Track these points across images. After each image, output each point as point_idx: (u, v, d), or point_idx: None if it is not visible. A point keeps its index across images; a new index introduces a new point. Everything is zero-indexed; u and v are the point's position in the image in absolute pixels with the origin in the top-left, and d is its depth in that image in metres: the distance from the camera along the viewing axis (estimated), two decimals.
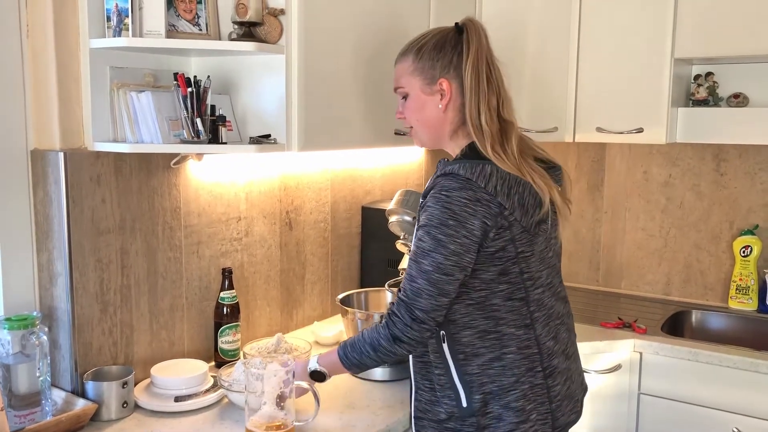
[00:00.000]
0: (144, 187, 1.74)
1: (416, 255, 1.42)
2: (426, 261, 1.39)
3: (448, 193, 1.39)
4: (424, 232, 1.40)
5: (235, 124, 1.79)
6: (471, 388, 1.47)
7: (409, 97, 1.54)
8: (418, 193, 1.96)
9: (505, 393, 1.47)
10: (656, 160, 2.75)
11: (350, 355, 1.49)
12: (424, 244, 1.40)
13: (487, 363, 1.47)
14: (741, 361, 2.09)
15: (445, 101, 1.50)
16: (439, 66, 1.49)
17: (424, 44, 1.52)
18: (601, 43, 2.45)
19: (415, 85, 1.52)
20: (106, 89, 1.62)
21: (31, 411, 1.49)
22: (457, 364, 1.48)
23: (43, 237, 1.62)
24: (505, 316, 1.47)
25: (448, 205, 1.38)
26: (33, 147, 1.62)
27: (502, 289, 1.46)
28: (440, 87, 1.49)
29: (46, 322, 1.61)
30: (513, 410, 1.47)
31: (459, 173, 1.41)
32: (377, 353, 1.46)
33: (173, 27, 1.61)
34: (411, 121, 1.57)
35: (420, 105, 1.53)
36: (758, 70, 2.52)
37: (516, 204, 1.42)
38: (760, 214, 2.59)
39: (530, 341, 1.49)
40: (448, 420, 1.50)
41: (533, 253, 1.48)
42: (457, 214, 1.38)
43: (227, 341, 1.90)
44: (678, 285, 2.76)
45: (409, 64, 1.53)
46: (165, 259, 1.81)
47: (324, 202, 2.32)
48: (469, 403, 1.47)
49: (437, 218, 1.39)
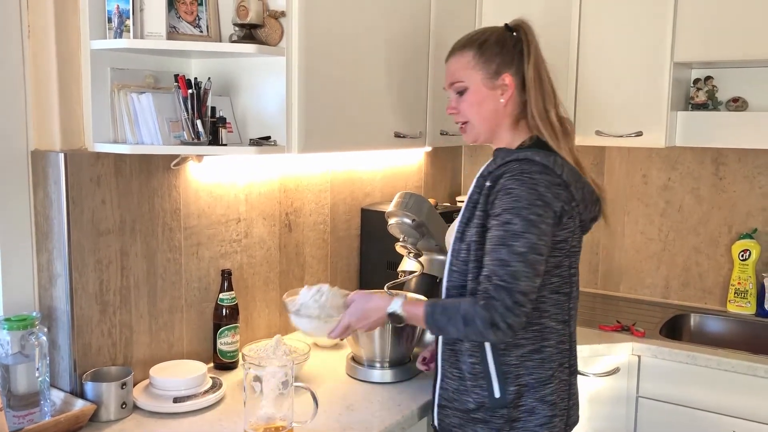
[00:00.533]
0: (144, 189, 1.74)
1: (505, 238, 1.38)
2: (519, 243, 1.37)
3: (532, 176, 1.41)
4: (513, 214, 1.38)
5: (236, 126, 1.79)
6: (506, 379, 1.48)
7: (469, 91, 1.54)
8: (417, 195, 1.96)
9: (542, 386, 1.50)
10: (655, 163, 2.76)
11: (438, 318, 1.44)
12: (514, 226, 1.38)
13: (527, 355, 1.49)
14: (739, 365, 2.09)
15: (507, 96, 1.51)
16: (501, 61, 1.51)
17: (485, 40, 1.53)
18: (600, 46, 2.46)
19: (477, 79, 1.52)
20: (106, 90, 1.63)
21: (30, 411, 1.49)
22: (496, 354, 1.48)
23: (42, 237, 1.62)
24: (549, 309, 1.49)
25: (534, 186, 1.39)
26: (33, 147, 1.62)
27: (553, 282, 1.49)
28: (503, 81, 1.51)
29: (46, 323, 1.61)
30: (548, 404, 1.50)
31: (535, 159, 1.43)
32: (467, 329, 1.40)
33: (174, 29, 1.61)
34: (468, 115, 1.55)
35: (480, 99, 1.53)
36: (757, 74, 2.52)
37: (580, 197, 1.48)
38: (758, 218, 2.59)
39: (565, 337, 1.54)
40: (477, 410, 1.51)
41: (579, 250, 1.54)
42: (543, 195, 1.40)
43: (226, 343, 1.90)
44: (677, 288, 2.76)
45: (470, 58, 1.53)
46: (164, 261, 1.81)
47: (323, 204, 2.33)
48: (502, 394, 1.48)
49: (525, 199, 1.38)
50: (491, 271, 1.39)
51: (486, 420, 1.51)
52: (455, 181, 3.10)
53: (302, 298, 1.64)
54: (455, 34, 2.44)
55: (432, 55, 2.24)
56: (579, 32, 2.48)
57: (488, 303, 1.37)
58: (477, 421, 1.52)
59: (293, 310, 1.63)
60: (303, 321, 1.62)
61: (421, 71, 2.21)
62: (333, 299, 1.61)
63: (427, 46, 2.23)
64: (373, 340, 1.85)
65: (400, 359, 1.90)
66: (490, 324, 1.36)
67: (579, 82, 2.50)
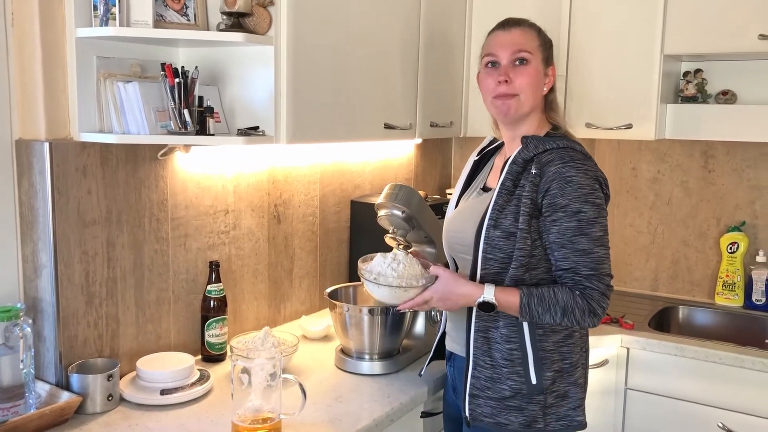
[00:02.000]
0: (131, 179, 1.72)
1: (581, 228, 1.44)
2: (595, 228, 1.45)
3: (584, 162, 1.48)
4: (582, 202, 1.44)
5: (223, 116, 1.77)
6: (543, 365, 1.52)
7: (530, 65, 1.56)
8: (407, 187, 1.95)
9: (574, 369, 1.56)
10: (645, 156, 2.76)
11: (534, 307, 1.46)
12: (586, 213, 1.45)
13: (562, 340, 1.55)
14: (726, 357, 2.10)
15: (548, 85, 1.61)
16: (550, 54, 1.62)
17: (541, 29, 1.62)
18: (590, 38, 2.45)
19: (538, 58, 1.58)
20: (92, 79, 1.60)
21: (15, 404, 1.47)
22: (534, 340, 1.52)
23: (27, 228, 1.60)
24: None
25: (588, 172, 1.47)
26: (18, 137, 1.60)
27: None
28: (550, 71, 1.61)
29: (31, 314, 1.60)
30: (579, 387, 1.57)
31: (576, 147, 1.51)
32: (564, 318, 1.46)
33: (161, 17, 1.59)
34: (522, 87, 1.56)
35: (536, 77, 1.58)
36: (747, 67, 2.53)
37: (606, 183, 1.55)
38: (746, 211, 2.60)
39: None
40: (512, 398, 1.53)
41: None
42: (598, 179, 1.49)
43: (214, 335, 1.88)
44: (665, 281, 2.77)
45: (535, 37, 1.59)
46: (152, 252, 1.79)
47: (313, 196, 2.31)
48: (539, 380, 1.52)
49: (588, 185, 1.46)
50: (575, 263, 1.45)
51: (521, 408, 1.52)
52: (445, 173, 3.10)
53: (378, 267, 1.62)
54: (446, 25, 2.44)
55: (422, 46, 2.23)
56: (569, 25, 2.47)
57: (584, 293, 1.45)
58: (511, 409, 1.53)
59: (371, 278, 1.60)
60: (382, 290, 1.59)
61: (412, 62, 2.20)
62: (410, 268, 1.60)
63: (418, 37, 2.21)
64: (363, 332, 1.85)
65: (389, 351, 1.90)
66: (590, 312, 1.46)
67: (569, 75, 2.49)
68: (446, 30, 2.40)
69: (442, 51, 2.37)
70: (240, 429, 1.44)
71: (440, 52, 2.36)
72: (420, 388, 1.76)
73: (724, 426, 2.10)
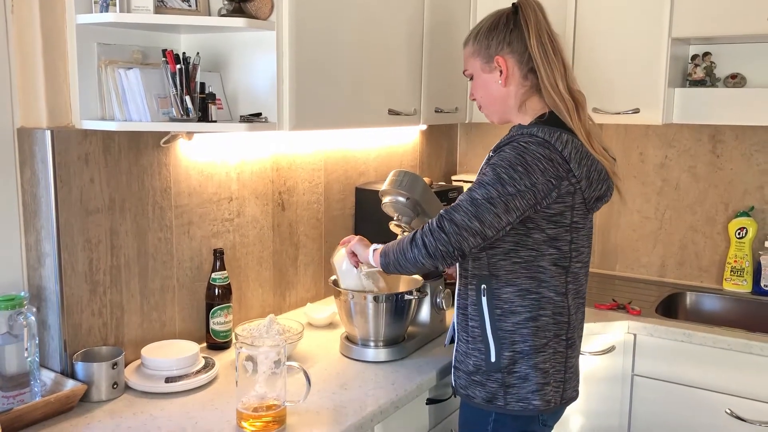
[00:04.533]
0: (133, 167, 1.71)
1: (473, 186, 1.48)
2: (479, 191, 1.46)
3: (526, 145, 1.46)
4: (490, 169, 1.47)
5: (226, 103, 1.76)
6: (502, 344, 1.55)
7: (474, 78, 1.64)
8: (412, 173, 1.94)
9: (535, 353, 1.55)
10: (652, 141, 2.73)
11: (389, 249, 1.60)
12: (485, 178, 1.46)
13: (523, 322, 1.55)
14: (735, 343, 2.08)
15: (504, 77, 1.57)
16: (494, 45, 1.57)
17: (481, 28, 1.61)
18: (597, 22, 2.42)
19: (476, 66, 1.62)
20: (93, 66, 1.59)
21: (20, 392, 1.48)
22: (493, 319, 1.55)
23: (30, 217, 1.60)
24: (548, 280, 1.54)
25: (522, 153, 1.45)
26: (19, 125, 1.59)
27: (551, 253, 1.53)
28: (497, 64, 1.58)
29: (35, 303, 1.60)
30: (540, 371, 1.55)
31: (538, 134, 1.48)
32: (398, 250, 1.55)
33: (162, 2, 1.58)
34: (479, 99, 1.65)
35: (483, 84, 1.62)
36: (756, 50, 2.49)
37: (584, 174, 1.50)
38: (755, 196, 2.58)
39: (563, 309, 1.57)
40: (476, 373, 1.59)
41: (584, 228, 1.58)
42: (528, 163, 1.44)
43: (219, 322, 1.88)
44: (673, 267, 2.75)
45: (470, 47, 1.63)
46: (155, 240, 1.79)
47: (317, 183, 2.30)
48: (497, 359, 1.55)
49: (507, 161, 1.45)
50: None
51: (483, 383, 1.58)
52: (451, 160, 3.08)
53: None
54: (450, 10, 2.41)
55: (426, 31, 2.21)
56: (576, 9, 2.44)
57: (425, 225, 1.51)
58: (476, 384, 1.60)
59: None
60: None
61: (416, 47, 2.18)
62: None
63: (422, 21, 2.19)
64: (368, 319, 1.84)
65: (395, 338, 1.89)
66: (411, 241, 1.51)
67: (576, 59, 2.47)
68: (451, 14, 2.37)
69: (446, 36, 2.34)
70: (245, 416, 1.44)
71: (445, 37, 2.33)
72: (425, 375, 1.76)
73: (731, 412, 2.09)
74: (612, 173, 1.59)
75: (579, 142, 1.51)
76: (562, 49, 1.57)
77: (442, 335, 2.04)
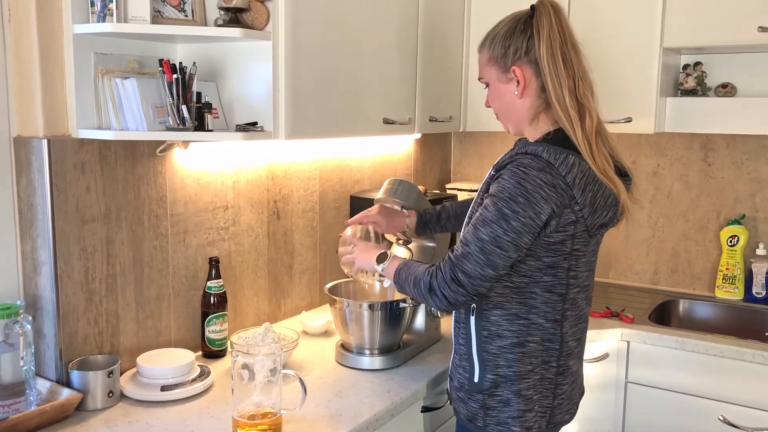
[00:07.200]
0: (129, 176, 1.72)
1: (477, 222, 1.42)
2: (484, 230, 1.40)
3: (526, 171, 1.38)
4: (492, 202, 1.40)
5: (222, 112, 1.77)
6: (486, 366, 1.52)
7: (490, 86, 1.57)
8: (407, 182, 1.95)
9: (519, 379, 1.50)
10: (645, 150, 2.76)
11: (402, 271, 1.56)
12: (488, 213, 1.41)
13: (509, 347, 1.50)
14: (727, 350, 2.10)
15: (520, 88, 1.50)
16: (511, 53, 1.50)
17: (497, 34, 1.53)
18: (589, 31, 2.43)
19: (492, 74, 1.55)
20: (90, 76, 1.60)
21: (15, 401, 1.47)
22: (479, 340, 1.53)
23: (26, 225, 1.60)
24: (539, 306, 1.49)
25: (523, 182, 1.38)
26: (16, 134, 1.59)
27: (546, 280, 1.48)
28: (514, 75, 1.50)
29: (30, 311, 1.60)
30: (523, 398, 1.50)
31: (542, 155, 1.40)
32: (415, 290, 1.51)
33: (158, 12, 1.59)
34: (495, 109, 1.59)
35: (498, 93, 1.55)
36: (746, 60, 2.52)
37: (587, 201, 1.43)
38: (747, 204, 2.60)
39: (555, 336, 1.52)
40: (460, 389, 1.58)
41: (584, 254, 1.51)
42: (529, 193, 1.37)
43: (214, 331, 1.88)
44: (665, 274, 2.77)
45: (485, 54, 1.56)
46: (151, 248, 1.79)
47: (312, 192, 2.31)
48: (480, 380, 1.52)
49: (508, 192, 1.39)
50: (456, 245, 1.47)
51: (465, 400, 1.57)
52: (445, 168, 3.09)
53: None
54: (445, 18, 2.43)
55: (421, 40, 2.23)
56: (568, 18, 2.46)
57: (434, 271, 1.46)
58: (460, 400, 1.59)
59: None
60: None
61: (410, 56, 2.19)
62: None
63: (416, 31, 2.21)
64: (363, 327, 1.85)
65: (390, 346, 1.90)
66: (429, 288, 1.46)
67: None
68: (445, 23, 2.40)
69: (440, 45, 2.36)
70: (240, 425, 1.44)
71: (439, 46, 2.35)
72: (420, 382, 1.77)
73: (724, 419, 2.10)
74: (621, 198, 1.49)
75: (586, 164, 1.42)
76: (578, 59, 1.49)
77: (437, 343, 2.05)
